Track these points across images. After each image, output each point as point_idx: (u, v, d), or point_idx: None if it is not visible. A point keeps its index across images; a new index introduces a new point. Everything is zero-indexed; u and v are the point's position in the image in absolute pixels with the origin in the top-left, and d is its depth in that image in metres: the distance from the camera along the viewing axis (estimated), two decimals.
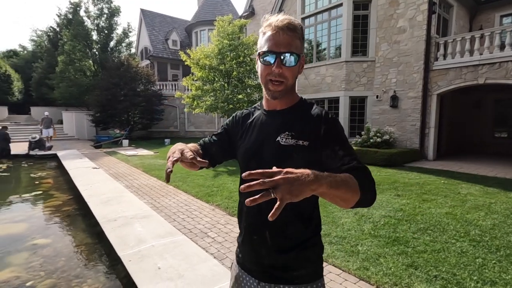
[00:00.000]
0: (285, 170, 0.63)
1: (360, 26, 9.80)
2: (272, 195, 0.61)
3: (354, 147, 6.74)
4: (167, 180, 0.79)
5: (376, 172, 6.79)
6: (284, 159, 0.87)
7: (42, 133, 12.72)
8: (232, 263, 1.11)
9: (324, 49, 10.76)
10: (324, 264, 2.65)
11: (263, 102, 1.02)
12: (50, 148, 11.27)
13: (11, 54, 34.31)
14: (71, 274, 2.80)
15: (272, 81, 0.87)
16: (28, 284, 2.63)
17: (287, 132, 0.90)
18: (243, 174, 0.64)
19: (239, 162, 1.03)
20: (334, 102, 10.45)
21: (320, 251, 0.97)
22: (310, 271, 0.93)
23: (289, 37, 0.84)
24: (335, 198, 0.70)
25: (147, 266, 2.52)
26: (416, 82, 8.79)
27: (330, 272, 2.52)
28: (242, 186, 0.62)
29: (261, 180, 0.60)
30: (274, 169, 0.63)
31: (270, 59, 0.85)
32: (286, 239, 0.91)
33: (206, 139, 1.12)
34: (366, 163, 7.98)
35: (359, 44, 9.90)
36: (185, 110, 11.79)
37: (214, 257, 2.78)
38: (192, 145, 1.03)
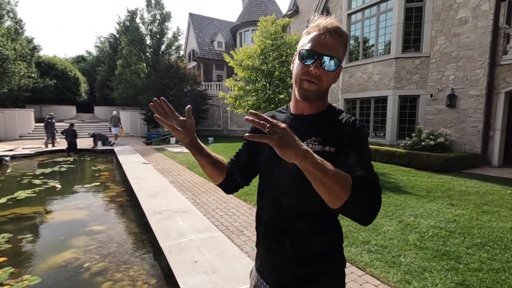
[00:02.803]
0: (286, 127, 0.65)
1: (413, 20, 9.06)
2: (267, 130, 0.63)
3: (403, 150, 6.27)
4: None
5: (428, 178, 6.24)
6: None
7: (111, 131, 13.99)
8: (252, 270, 1.10)
9: (372, 46, 10.19)
10: (361, 273, 2.53)
11: (291, 105, 1.00)
12: (112, 144, 12.48)
13: (79, 59, 38.81)
14: (120, 259, 3.09)
15: (307, 81, 0.85)
16: (85, 265, 2.96)
17: (313, 138, 0.87)
18: (250, 111, 0.66)
19: (260, 167, 0.99)
20: (381, 101, 9.85)
21: (341, 265, 0.93)
22: (330, 285, 0.90)
23: (335, 41, 0.83)
24: (319, 183, 0.66)
25: (185, 258, 2.67)
26: (479, 79, 7.86)
27: (367, 282, 2.39)
28: (246, 135, 0.66)
29: (265, 120, 0.64)
30: (281, 124, 0.65)
31: (310, 58, 0.83)
32: (306, 249, 0.89)
33: (237, 151, 1.12)
34: (416, 167, 7.45)
35: (411, 39, 9.17)
36: (228, 109, 12.14)
37: (248, 256, 2.83)
38: (218, 155, 1.02)
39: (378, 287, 2.33)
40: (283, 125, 0.66)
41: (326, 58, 0.81)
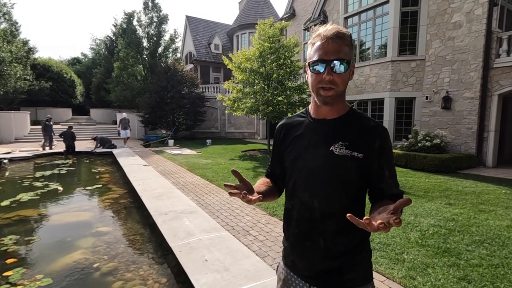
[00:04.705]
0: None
1: (408, 23, 9.27)
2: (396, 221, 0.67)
3: (400, 151, 6.41)
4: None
5: (425, 179, 6.38)
6: (338, 170, 0.90)
7: (120, 134, 13.75)
8: (278, 265, 1.13)
9: (368, 49, 10.37)
10: None
11: (311, 110, 1.02)
12: (114, 147, 12.37)
13: (74, 62, 38.56)
14: (129, 260, 3.13)
15: (323, 88, 0.88)
16: (94, 265, 3.00)
17: (340, 142, 0.90)
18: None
19: (287, 168, 1.04)
20: (378, 103, 10.02)
21: (369, 256, 0.99)
22: (360, 275, 0.96)
23: (338, 44, 0.86)
24: None
25: (195, 257, 2.73)
26: (474, 82, 8.06)
27: (373, 278, 2.48)
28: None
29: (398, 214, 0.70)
30: (404, 199, 0.69)
31: (320, 67, 0.87)
32: (339, 245, 0.93)
33: (269, 163, 1.19)
34: (413, 168, 7.62)
35: (407, 42, 9.37)
36: (226, 111, 12.22)
37: (256, 254, 2.90)
38: (260, 182, 1.09)
39: (384, 282, 2.42)
40: (404, 199, 0.69)
41: (335, 62, 0.85)
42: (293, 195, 1.01)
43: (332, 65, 0.86)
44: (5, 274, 2.78)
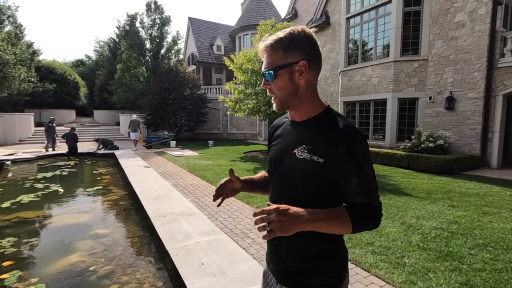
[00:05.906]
0: (280, 208, 0.75)
1: (411, 23, 9.19)
2: (267, 229, 0.74)
3: (402, 152, 6.27)
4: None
5: (428, 180, 6.29)
6: (299, 173, 0.88)
7: (130, 136, 13.74)
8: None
9: (371, 49, 10.30)
10: (366, 274, 2.56)
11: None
12: (116, 148, 12.39)
13: (78, 64, 38.88)
14: (126, 262, 3.10)
15: (273, 97, 0.96)
16: (91, 268, 2.97)
17: (303, 145, 0.89)
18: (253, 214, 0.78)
19: (268, 165, 1.08)
20: (380, 104, 9.93)
21: (338, 263, 0.94)
22: (326, 282, 0.91)
23: (269, 55, 0.89)
24: (325, 231, 0.83)
25: (192, 260, 2.69)
26: (477, 82, 7.96)
27: (372, 283, 2.43)
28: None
29: (260, 217, 0.74)
30: (272, 206, 0.76)
31: None
32: (301, 248, 0.92)
33: None
34: (416, 169, 7.52)
35: (410, 43, 9.28)
36: (228, 113, 12.20)
37: (254, 258, 2.86)
38: (260, 174, 1.16)
39: (383, 287, 2.37)
40: (272, 206, 0.75)
41: (265, 73, 0.91)
42: (270, 192, 1.06)
43: (265, 77, 0.92)
44: (1, 277, 2.76)
